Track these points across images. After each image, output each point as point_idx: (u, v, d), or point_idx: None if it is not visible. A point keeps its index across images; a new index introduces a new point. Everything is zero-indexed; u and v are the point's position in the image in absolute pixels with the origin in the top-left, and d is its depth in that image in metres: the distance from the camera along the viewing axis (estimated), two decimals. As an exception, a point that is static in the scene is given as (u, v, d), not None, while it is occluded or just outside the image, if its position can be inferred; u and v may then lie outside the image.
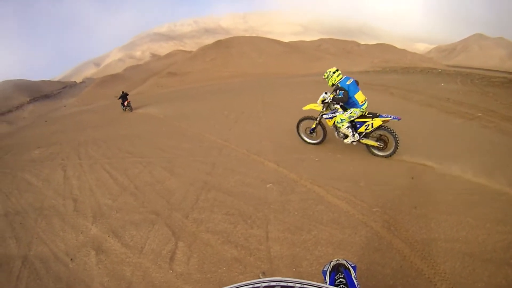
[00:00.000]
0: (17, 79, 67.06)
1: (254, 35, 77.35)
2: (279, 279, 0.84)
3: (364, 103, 6.44)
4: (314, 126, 7.46)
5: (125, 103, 22.17)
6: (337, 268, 1.66)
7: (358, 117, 6.50)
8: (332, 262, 1.71)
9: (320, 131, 7.56)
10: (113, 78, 63.98)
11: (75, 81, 78.16)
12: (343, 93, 6.24)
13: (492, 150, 6.34)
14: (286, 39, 76.10)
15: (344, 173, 5.81)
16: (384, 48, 71.49)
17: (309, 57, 59.56)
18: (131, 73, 68.38)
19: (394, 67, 34.81)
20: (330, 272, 1.64)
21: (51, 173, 9.30)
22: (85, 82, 75.94)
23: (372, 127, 6.35)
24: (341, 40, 77.78)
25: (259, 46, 62.71)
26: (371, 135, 6.54)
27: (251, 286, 0.82)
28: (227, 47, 63.07)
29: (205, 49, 66.12)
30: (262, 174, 6.28)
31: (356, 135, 6.57)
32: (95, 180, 7.94)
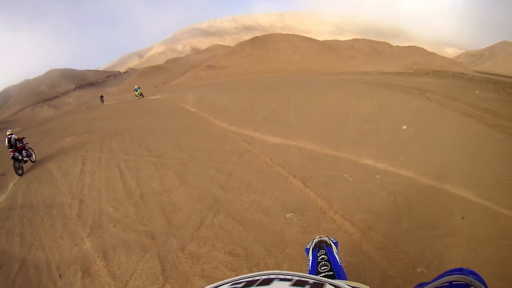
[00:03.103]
0: (64, 68, 69.91)
1: (290, 33, 74.86)
2: (278, 272, 0.75)
3: (139, 92, 29.93)
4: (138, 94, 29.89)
5: (102, 99, 37.48)
6: (319, 245, 1.61)
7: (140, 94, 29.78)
8: (314, 240, 1.69)
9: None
10: (154, 69, 64.57)
11: (119, 71, 79.87)
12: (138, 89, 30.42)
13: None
14: (321, 38, 73.38)
15: (383, 203, 4.29)
16: (415, 51, 67.74)
17: (343, 56, 57.35)
18: (171, 65, 68.71)
19: (425, 70, 32.68)
20: (312, 249, 1.60)
21: (71, 165, 8.85)
22: (128, 72, 77.26)
23: (139, 94, 29.66)
24: (374, 41, 74.40)
25: (295, 43, 61.00)
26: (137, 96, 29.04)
27: (251, 278, 0.71)
28: (264, 43, 61.85)
29: (243, 44, 65.32)
30: (283, 194, 4.87)
31: (139, 96, 29.45)
32: (106, 179, 7.19)
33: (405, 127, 7.93)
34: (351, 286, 0.81)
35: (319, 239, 1.66)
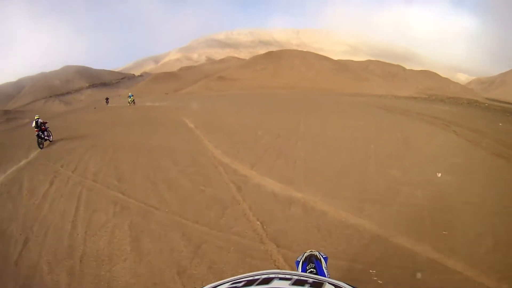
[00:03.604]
0: (79, 65, 69.95)
1: (305, 50, 73.70)
2: (277, 271, 0.79)
3: (132, 99, 28.96)
4: (131, 101, 28.71)
5: (107, 101, 36.67)
6: (309, 259, 1.57)
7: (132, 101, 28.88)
8: (305, 253, 1.63)
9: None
10: (167, 75, 64.07)
11: (133, 74, 79.57)
12: (132, 97, 29.29)
13: None
14: (335, 57, 72.02)
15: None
16: (428, 75, 66.40)
17: (357, 76, 56.07)
18: (185, 73, 68.10)
19: (439, 96, 32.33)
20: (302, 262, 1.56)
21: (40, 182, 7.89)
22: (142, 76, 76.89)
23: (132, 101, 28.61)
24: (388, 63, 73.05)
25: (309, 61, 59.88)
26: (129, 102, 28.97)
27: (250, 278, 0.74)
28: (278, 59, 60.88)
29: (257, 58, 64.55)
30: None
31: (131, 103, 28.49)
32: (59, 216, 5.86)
33: (440, 174, 6.33)
34: (351, 286, 0.75)
35: (310, 253, 1.62)
